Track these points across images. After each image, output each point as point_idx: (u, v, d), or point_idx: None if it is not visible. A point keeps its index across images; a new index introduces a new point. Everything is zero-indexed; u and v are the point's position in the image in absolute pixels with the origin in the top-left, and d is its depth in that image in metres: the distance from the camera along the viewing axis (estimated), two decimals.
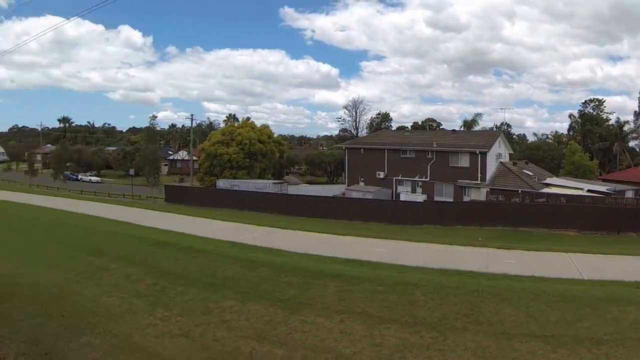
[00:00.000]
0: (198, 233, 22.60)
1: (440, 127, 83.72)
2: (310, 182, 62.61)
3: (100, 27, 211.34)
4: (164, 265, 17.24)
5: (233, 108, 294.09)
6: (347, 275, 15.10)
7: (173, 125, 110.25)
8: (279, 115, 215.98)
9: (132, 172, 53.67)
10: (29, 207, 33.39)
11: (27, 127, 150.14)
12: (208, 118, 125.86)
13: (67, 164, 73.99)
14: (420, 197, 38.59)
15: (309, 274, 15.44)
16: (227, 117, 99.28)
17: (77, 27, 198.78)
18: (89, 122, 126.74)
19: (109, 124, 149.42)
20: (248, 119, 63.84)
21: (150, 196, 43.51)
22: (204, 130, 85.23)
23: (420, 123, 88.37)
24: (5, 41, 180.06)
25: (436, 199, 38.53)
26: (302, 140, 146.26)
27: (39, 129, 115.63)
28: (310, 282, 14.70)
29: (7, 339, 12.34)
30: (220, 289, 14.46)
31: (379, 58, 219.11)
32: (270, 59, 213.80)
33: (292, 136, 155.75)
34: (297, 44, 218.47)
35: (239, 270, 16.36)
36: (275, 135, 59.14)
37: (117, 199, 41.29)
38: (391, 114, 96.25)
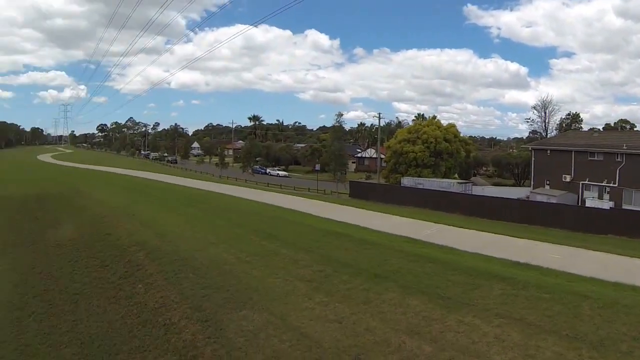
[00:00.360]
0: (373, 227, 25.67)
1: (634, 128, 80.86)
2: (496, 184, 66.10)
3: (287, 33, 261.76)
4: (334, 254, 20.71)
5: (423, 108, 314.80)
6: (514, 278, 16.13)
7: (362, 124, 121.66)
8: (469, 116, 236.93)
9: (318, 167, 61.95)
10: (212, 194, 42.44)
11: (221, 125, 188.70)
12: (397, 117, 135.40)
13: (257, 159, 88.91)
14: (607, 204, 39.82)
15: (476, 273, 17.03)
16: (415, 116, 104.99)
17: (265, 34, 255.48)
18: (278, 120, 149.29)
19: (299, 123, 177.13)
20: (434, 117, 69.74)
21: (335, 191, 49.27)
22: (392, 129, 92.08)
23: (612, 125, 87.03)
24: (200, 49, 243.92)
25: (624, 207, 39.04)
26: (492, 142, 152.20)
27: (231, 127, 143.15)
28: (475, 282, 16.26)
29: (175, 303, 17.86)
30: (385, 281, 17.00)
31: (568, 55, 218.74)
32: (458, 59, 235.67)
33: (483, 137, 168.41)
34: (483, 43, 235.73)
35: (407, 264, 18.85)
36: (462, 136, 63.57)
37: (302, 192, 47.97)
38: (582, 115, 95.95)
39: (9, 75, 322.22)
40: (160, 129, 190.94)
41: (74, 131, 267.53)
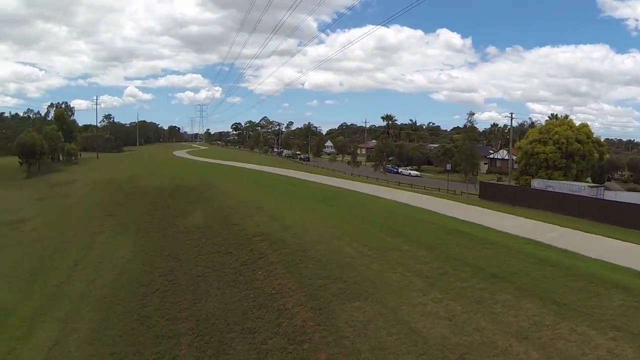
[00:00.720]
0: (497, 227, 26.57)
1: None
2: (632, 190, 65.80)
3: (419, 32, 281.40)
4: (454, 252, 22.06)
5: (558, 109, 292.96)
6: (638, 290, 16.16)
7: (495, 125, 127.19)
8: (605, 117, 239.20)
9: (449, 167, 66.72)
10: (342, 190, 45.07)
11: (355, 124, 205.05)
12: (530, 118, 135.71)
13: (389, 158, 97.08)
14: None
15: (596, 281, 17.21)
16: (549, 117, 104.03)
17: (397, 34, 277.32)
18: (411, 120, 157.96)
19: (433, 123, 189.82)
20: (566, 116, 71.38)
21: (465, 192, 52.73)
22: (524, 130, 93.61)
23: None
24: (332, 50, 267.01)
25: None
26: (630, 145, 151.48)
27: (364, 126, 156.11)
28: (595, 290, 16.47)
29: (292, 291, 20.20)
30: (501, 282, 17.94)
31: None
32: (593, 55, 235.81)
33: (620, 140, 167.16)
34: (620, 36, 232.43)
35: (525, 266, 19.52)
36: (595, 137, 63.51)
37: (432, 192, 50.59)
38: None
39: (148, 79, 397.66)
40: (294, 128, 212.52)
41: (209, 129, 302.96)
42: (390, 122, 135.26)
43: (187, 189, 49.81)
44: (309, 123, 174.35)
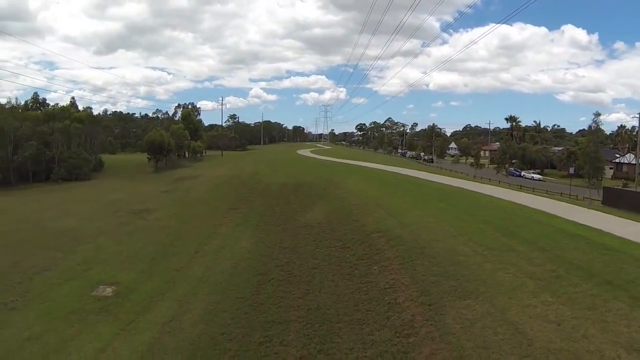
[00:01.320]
0: (617, 233, 25.49)
1: None
2: None
3: (543, 30, 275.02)
4: (569, 255, 21.73)
5: None
6: None
7: (622, 127, 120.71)
8: None
9: (572, 171, 66.02)
10: (463, 191, 44.81)
11: (479, 126, 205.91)
12: None
13: (512, 161, 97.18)
14: None
15: None
16: None
17: (521, 32, 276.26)
18: (535, 122, 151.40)
19: (558, 125, 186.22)
20: None
21: (587, 197, 51.12)
22: None
23: None
24: (455, 50, 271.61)
25: None
26: None
27: (488, 128, 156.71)
28: None
29: (404, 286, 20.93)
30: (616, 289, 17.52)
31: None
32: None
33: None
34: None
35: None
36: None
37: (554, 196, 48.52)
38: None
39: (273, 81, 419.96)
40: (418, 129, 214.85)
41: (333, 130, 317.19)
42: (514, 123, 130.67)
43: (309, 185, 52.18)
44: (433, 124, 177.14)
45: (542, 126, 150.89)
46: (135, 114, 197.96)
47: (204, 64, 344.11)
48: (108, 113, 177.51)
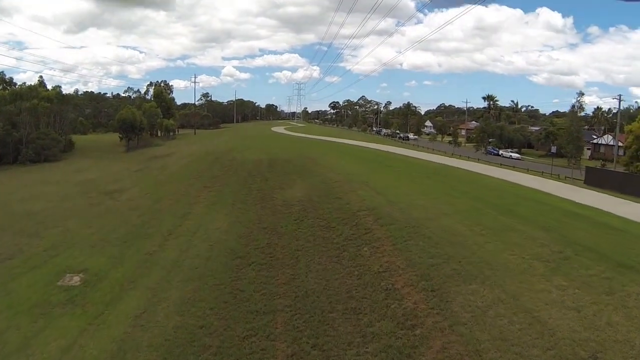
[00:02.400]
0: (617, 212, 24.80)
1: None
2: None
3: (518, 12, 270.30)
4: (574, 235, 20.37)
5: None
6: None
7: (599, 108, 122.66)
8: None
9: (554, 149, 64.61)
10: (448, 167, 44.26)
11: (453, 105, 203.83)
12: (636, 102, 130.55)
13: (489, 140, 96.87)
14: None
15: None
16: None
17: (496, 13, 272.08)
18: (512, 102, 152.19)
19: (531, 107, 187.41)
20: None
21: (569, 177, 50.88)
22: (632, 114, 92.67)
23: None
24: (430, 30, 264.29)
25: None
26: None
27: (464, 108, 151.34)
28: None
29: (401, 269, 18.75)
30: (630, 271, 16.29)
31: None
32: None
33: None
34: None
35: None
36: None
37: (536, 175, 47.36)
38: None
39: (246, 59, 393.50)
40: (392, 107, 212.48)
41: (306, 108, 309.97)
42: (492, 102, 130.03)
43: (286, 161, 49.56)
44: (408, 102, 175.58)
45: (519, 106, 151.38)
46: (107, 93, 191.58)
47: (177, 42, 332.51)
48: (79, 93, 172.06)
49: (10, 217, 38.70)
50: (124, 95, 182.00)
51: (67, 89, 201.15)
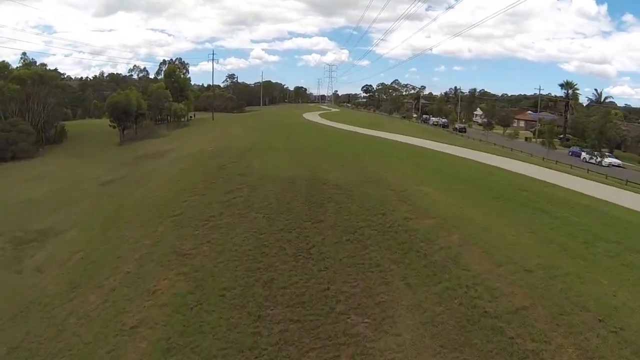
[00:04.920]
0: None
1: None
2: None
3: None
4: None
5: None
6: None
7: None
8: None
9: None
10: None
11: (489, 92, 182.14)
12: None
13: (564, 137, 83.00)
14: None
15: None
16: None
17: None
18: (595, 91, 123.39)
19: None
20: None
21: None
22: None
23: None
24: (461, 15, 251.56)
25: None
26: None
27: (538, 94, 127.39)
28: None
29: None
30: None
31: None
32: None
33: None
34: None
35: None
36: None
37: None
38: None
39: (274, 42, 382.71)
40: (425, 93, 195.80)
41: (337, 91, 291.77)
42: (570, 91, 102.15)
43: (339, 189, 26.49)
44: (456, 87, 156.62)
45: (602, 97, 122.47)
46: (133, 75, 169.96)
47: (205, 25, 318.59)
48: (105, 76, 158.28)
49: None
50: (127, 75, 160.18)
51: (95, 72, 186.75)
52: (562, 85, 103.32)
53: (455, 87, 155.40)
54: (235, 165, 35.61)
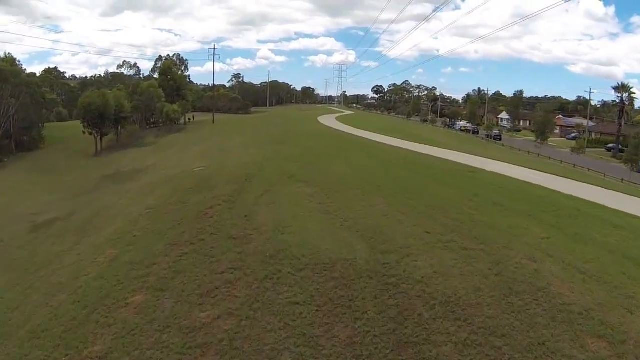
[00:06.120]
0: None
1: None
2: None
3: None
4: None
5: None
6: None
7: None
8: None
9: None
10: None
11: (502, 94, 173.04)
12: None
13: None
14: None
15: None
16: None
17: (536, 1, 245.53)
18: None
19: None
20: None
21: None
22: None
23: None
24: (468, 15, 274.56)
25: None
26: None
27: (589, 98, 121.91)
28: None
29: None
30: None
31: None
32: None
33: None
34: None
35: None
36: None
37: None
38: None
39: (281, 42, 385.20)
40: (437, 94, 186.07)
41: (345, 92, 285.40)
42: (625, 94, 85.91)
43: (445, 305, 12.42)
44: (479, 88, 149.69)
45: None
46: (138, 75, 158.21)
47: (212, 25, 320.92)
48: (109, 74, 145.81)
49: None
50: (116, 72, 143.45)
51: (101, 71, 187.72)
52: (615, 88, 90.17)
53: (479, 89, 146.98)
54: (228, 212, 21.27)
